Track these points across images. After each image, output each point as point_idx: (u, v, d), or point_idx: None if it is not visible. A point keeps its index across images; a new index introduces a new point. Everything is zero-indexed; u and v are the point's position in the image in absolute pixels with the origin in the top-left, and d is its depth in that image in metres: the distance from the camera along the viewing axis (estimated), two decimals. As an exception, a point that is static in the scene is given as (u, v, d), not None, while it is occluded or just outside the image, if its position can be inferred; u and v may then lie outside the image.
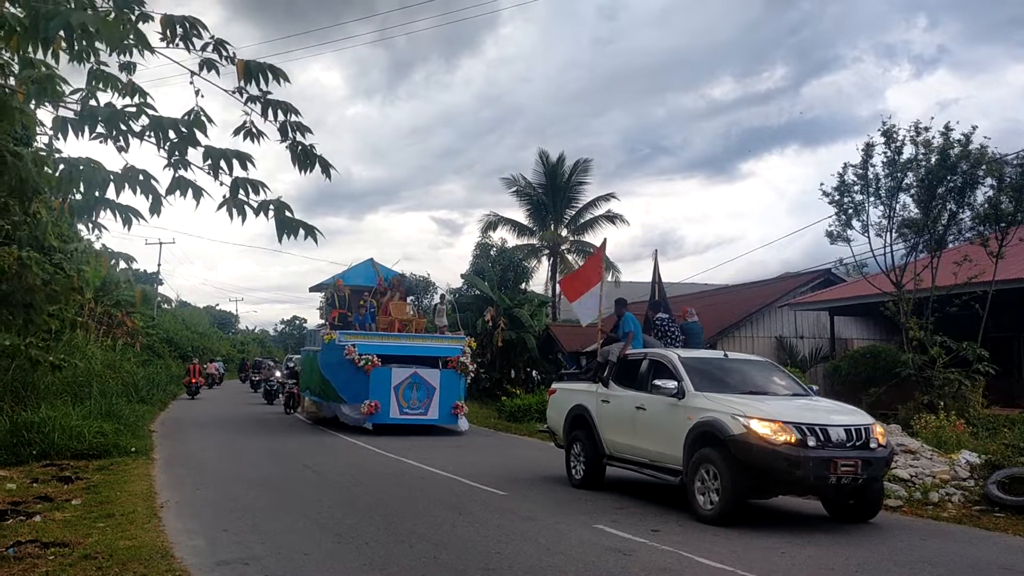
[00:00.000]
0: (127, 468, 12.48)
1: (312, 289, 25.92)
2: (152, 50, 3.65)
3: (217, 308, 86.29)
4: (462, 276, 32.74)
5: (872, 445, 8.61)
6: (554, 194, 38.99)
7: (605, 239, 13.79)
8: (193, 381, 33.14)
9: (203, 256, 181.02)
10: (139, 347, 30.95)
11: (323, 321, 22.36)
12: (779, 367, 11.21)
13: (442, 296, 26.75)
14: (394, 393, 18.99)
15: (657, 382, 9.77)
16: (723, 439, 8.65)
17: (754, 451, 8.40)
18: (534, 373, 32.24)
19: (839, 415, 9.07)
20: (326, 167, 4.28)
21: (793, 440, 8.35)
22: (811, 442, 8.36)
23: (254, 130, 4.23)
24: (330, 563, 6.92)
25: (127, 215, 4.15)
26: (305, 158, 4.23)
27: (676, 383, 9.60)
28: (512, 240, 38.84)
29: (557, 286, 39.72)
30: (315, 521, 8.72)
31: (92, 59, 4.24)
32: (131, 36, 3.43)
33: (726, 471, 8.54)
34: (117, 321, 28.00)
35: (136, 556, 6.83)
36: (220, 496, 10.31)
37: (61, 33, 3.41)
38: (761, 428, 8.45)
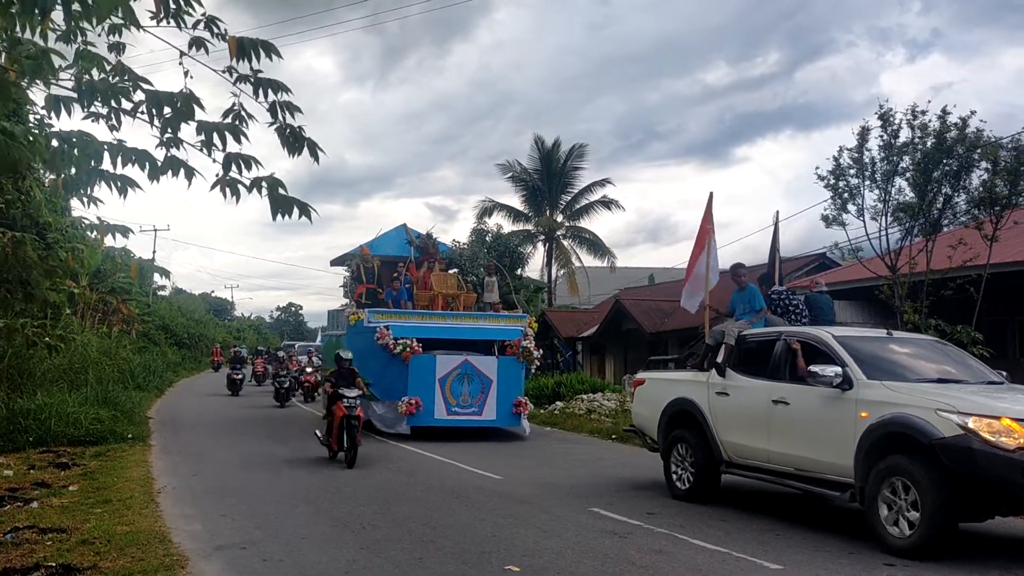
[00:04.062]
0: (124, 454, 12.49)
1: (334, 262, 22.13)
2: (140, 26, 3.60)
3: (212, 295, 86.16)
4: (457, 262, 32.49)
5: None
6: (549, 180, 39.02)
7: (712, 192, 11.54)
8: (216, 360, 43.76)
9: (198, 241, 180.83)
10: (135, 334, 30.95)
11: (348, 300, 18.75)
12: (952, 346, 9.23)
13: (492, 267, 21.33)
14: (439, 387, 15.37)
15: (814, 368, 7.73)
16: (926, 443, 6.68)
17: (977, 459, 6.43)
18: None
19: None
20: (314, 150, 4.24)
21: None
22: None
23: (243, 113, 4.19)
24: (328, 546, 6.94)
25: (123, 185, 4.10)
26: (294, 140, 4.19)
27: (838, 369, 7.57)
28: (507, 226, 38.70)
29: (553, 272, 39.84)
30: (313, 505, 8.74)
31: (79, 39, 4.20)
32: (119, 11, 3.37)
33: (931, 486, 6.59)
34: (112, 308, 27.97)
35: (134, 541, 6.84)
36: (217, 482, 10.33)
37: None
38: (984, 428, 6.50)
